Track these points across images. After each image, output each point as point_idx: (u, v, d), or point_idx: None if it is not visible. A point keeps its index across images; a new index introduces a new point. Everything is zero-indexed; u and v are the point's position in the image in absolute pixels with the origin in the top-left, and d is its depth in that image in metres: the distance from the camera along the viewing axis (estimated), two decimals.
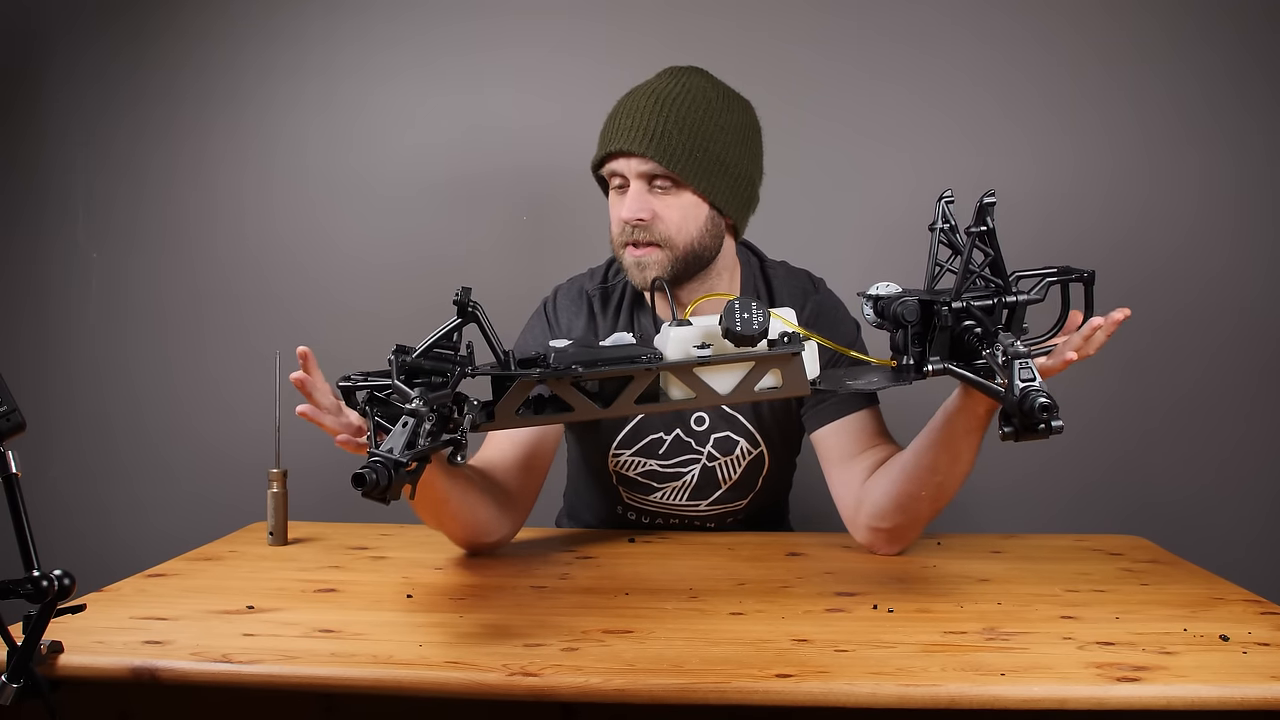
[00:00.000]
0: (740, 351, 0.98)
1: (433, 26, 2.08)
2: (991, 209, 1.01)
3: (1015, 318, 1.02)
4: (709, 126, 1.27)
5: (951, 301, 1.00)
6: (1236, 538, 1.96)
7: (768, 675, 0.80)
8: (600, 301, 1.41)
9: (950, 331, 1.01)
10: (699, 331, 1.00)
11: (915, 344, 1.03)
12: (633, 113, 1.27)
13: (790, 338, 1.00)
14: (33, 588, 0.78)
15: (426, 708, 0.85)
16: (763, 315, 0.96)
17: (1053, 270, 1.07)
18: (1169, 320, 1.99)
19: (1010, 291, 1.02)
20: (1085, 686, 0.79)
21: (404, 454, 0.86)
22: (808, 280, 1.45)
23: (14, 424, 0.80)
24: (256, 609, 1.00)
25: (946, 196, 1.05)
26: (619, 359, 0.99)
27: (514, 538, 1.31)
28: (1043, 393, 0.88)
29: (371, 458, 0.84)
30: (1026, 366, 0.91)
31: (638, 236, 1.27)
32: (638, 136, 1.25)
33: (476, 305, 1.01)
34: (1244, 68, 1.96)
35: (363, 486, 0.83)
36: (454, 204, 2.08)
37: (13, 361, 2.12)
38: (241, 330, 2.11)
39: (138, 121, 2.13)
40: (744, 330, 0.95)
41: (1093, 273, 1.07)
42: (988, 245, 1.01)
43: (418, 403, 0.90)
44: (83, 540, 2.12)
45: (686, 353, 0.99)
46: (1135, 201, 1.98)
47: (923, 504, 1.19)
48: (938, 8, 2.00)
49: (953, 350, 1.02)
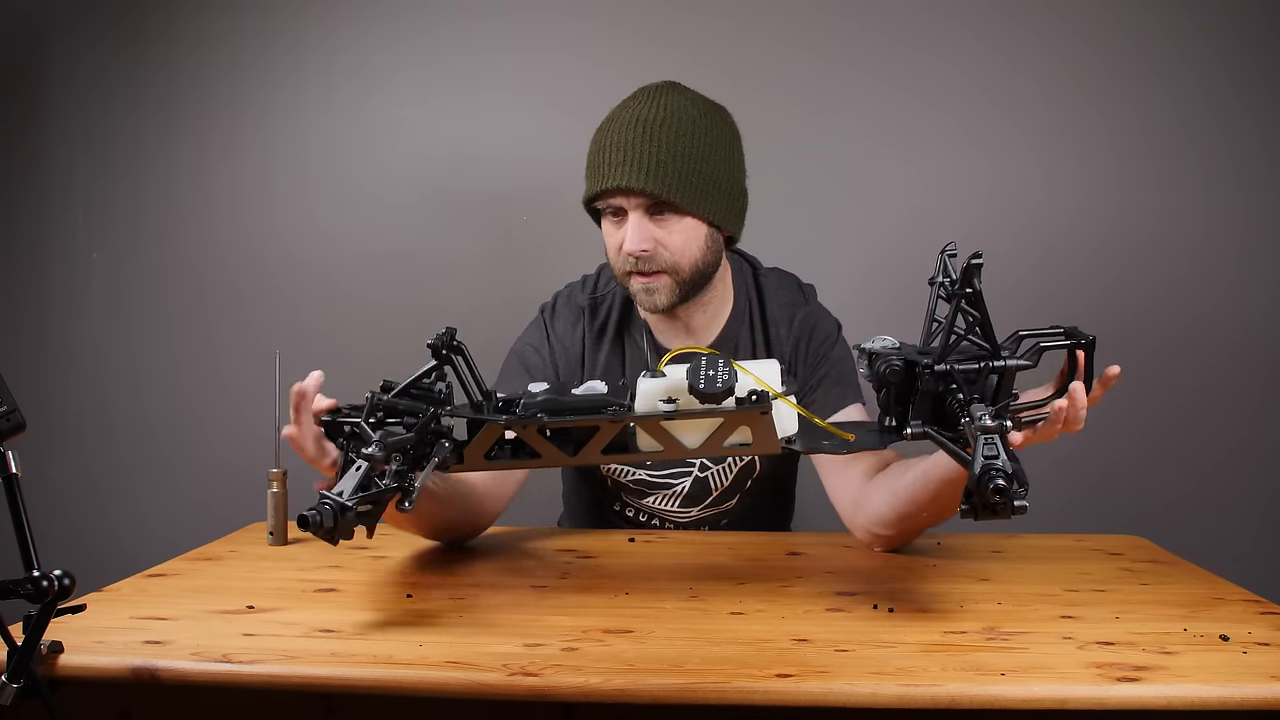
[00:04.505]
0: (705, 408, 0.97)
1: (432, 28, 2.08)
2: (978, 270, 0.95)
3: (1004, 383, 0.98)
4: (698, 147, 1.26)
5: (935, 364, 0.97)
6: (1236, 538, 1.96)
7: (768, 675, 0.80)
8: (590, 314, 1.42)
9: (933, 394, 0.97)
10: (668, 385, 1.01)
11: (898, 404, 1.00)
12: (622, 145, 1.25)
13: (759, 396, 0.99)
14: (33, 588, 0.78)
15: (426, 708, 0.85)
16: (728, 373, 0.96)
17: (1059, 330, 1.01)
18: (1170, 320, 1.99)
19: (998, 356, 0.97)
20: (1085, 686, 0.79)
21: (352, 498, 0.89)
22: (798, 290, 1.45)
23: (14, 424, 0.80)
24: (256, 609, 1.00)
25: (949, 250, 1.00)
26: (586, 408, 1.00)
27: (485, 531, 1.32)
28: (1003, 472, 0.83)
29: (321, 499, 0.87)
30: (990, 442, 0.86)
31: (643, 266, 1.27)
32: (631, 171, 1.24)
33: (460, 345, 1.05)
34: (1246, 69, 1.96)
35: (306, 527, 0.86)
36: (453, 204, 2.08)
37: (13, 361, 2.12)
38: (241, 330, 2.11)
39: (138, 122, 2.13)
40: (707, 388, 0.95)
41: (1094, 339, 1.02)
42: (974, 308, 0.96)
43: (375, 447, 0.93)
44: (83, 540, 2.12)
45: (654, 406, 1.00)
46: (1141, 205, 1.98)
47: (923, 521, 1.20)
48: (939, 10, 2.00)
49: (935, 413, 0.98)
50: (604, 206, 1.29)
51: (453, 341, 1.05)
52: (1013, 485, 0.82)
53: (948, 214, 2.01)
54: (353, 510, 0.89)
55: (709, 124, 1.29)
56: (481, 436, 1.02)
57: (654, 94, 1.29)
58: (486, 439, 1.02)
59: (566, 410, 1.00)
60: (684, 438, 1.01)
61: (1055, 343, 1.01)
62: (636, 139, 1.25)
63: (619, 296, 1.41)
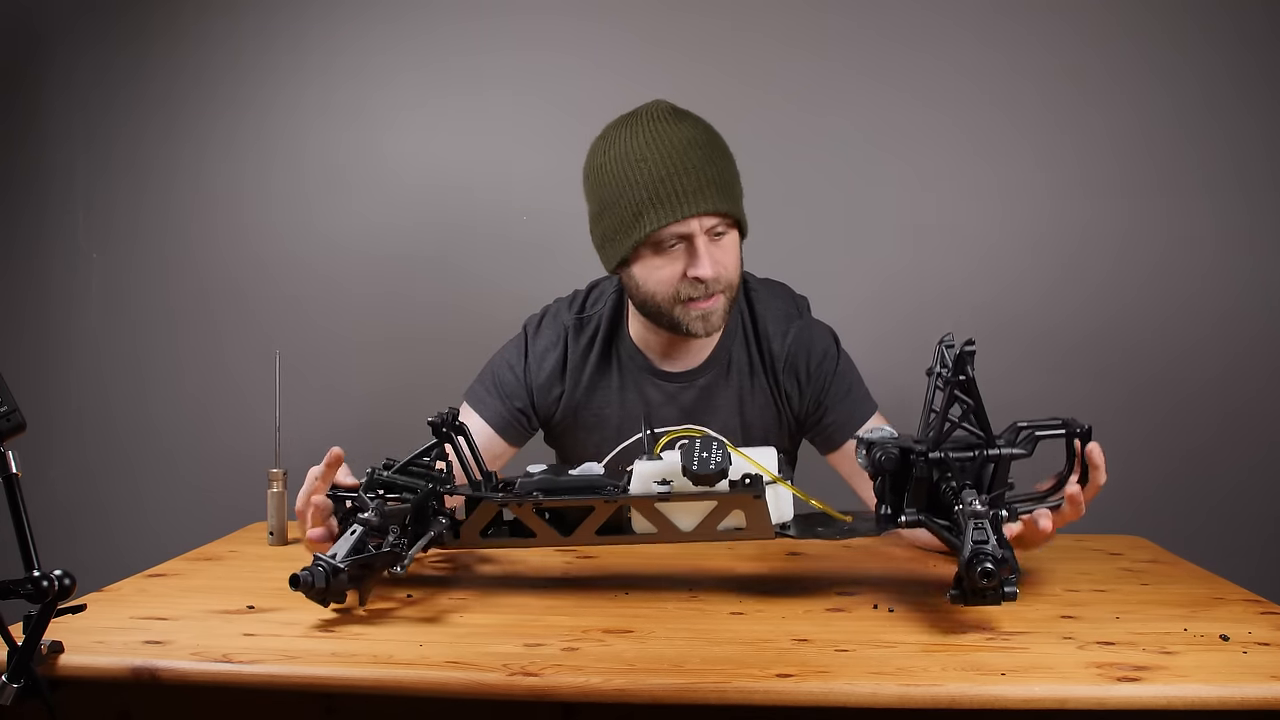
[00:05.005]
0: (699, 490, 0.99)
1: (432, 29, 2.08)
2: (971, 358, 0.95)
3: (999, 472, 0.98)
4: (730, 160, 1.28)
5: (929, 452, 0.97)
6: (1236, 538, 1.96)
7: (768, 675, 0.80)
8: (574, 332, 1.40)
9: (928, 482, 0.99)
10: (664, 467, 1.02)
11: (893, 493, 1.01)
12: (688, 170, 1.22)
13: (753, 479, 1.00)
14: (33, 588, 0.78)
15: (426, 708, 0.85)
16: (721, 455, 0.97)
17: (1056, 421, 1.02)
18: (1171, 321, 1.99)
19: (993, 445, 0.97)
20: (1085, 686, 0.79)
21: (344, 560, 0.93)
22: (790, 302, 1.44)
23: (14, 424, 0.80)
24: (256, 609, 1.00)
25: (946, 340, 1.01)
26: (582, 488, 1.03)
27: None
28: (991, 557, 0.84)
29: (315, 560, 0.92)
30: (980, 527, 0.87)
31: (710, 290, 1.26)
32: (708, 195, 1.22)
33: (462, 425, 1.09)
34: (1246, 69, 1.96)
35: (297, 587, 0.91)
36: (453, 204, 2.08)
37: (13, 361, 2.12)
38: (242, 330, 2.11)
39: (138, 122, 2.13)
40: (700, 470, 0.96)
41: (1089, 428, 1.03)
42: (968, 395, 0.97)
43: (371, 513, 0.97)
44: (83, 540, 2.12)
45: (649, 487, 1.01)
46: (1141, 205, 1.98)
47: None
48: (936, 10, 2.00)
49: (931, 501, 0.99)
50: (665, 237, 1.24)
51: (454, 421, 1.09)
52: (1002, 571, 0.84)
53: (945, 214, 2.01)
54: (344, 572, 0.92)
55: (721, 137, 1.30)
56: (478, 514, 1.04)
57: (671, 115, 1.27)
58: (483, 517, 1.04)
59: (562, 490, 1.03)
60: (678, 520, 1.02)
61: (1051, 433, 1.02)
62: (700, 162, 1.22)
63: (606, 316, 1.40)
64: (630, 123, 1.28)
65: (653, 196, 1.22)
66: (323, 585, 0.91)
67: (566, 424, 1.43)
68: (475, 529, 1.04)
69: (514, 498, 1.03)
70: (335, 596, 0.94)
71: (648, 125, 1.26)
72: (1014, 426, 1.01)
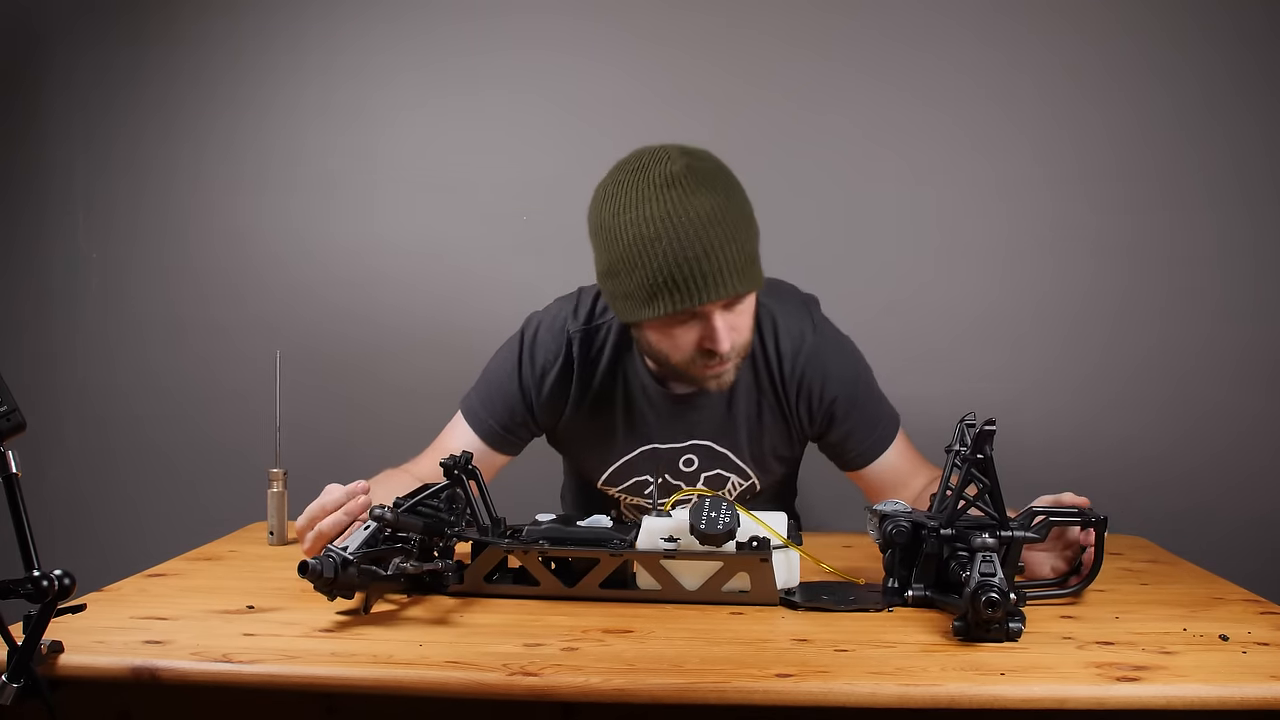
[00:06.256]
0: (705, 550, 0.99)
1: (432, 29, 2.08)
2: (990, 437, 0.96)
3: (1010, 554, 0.98)
4: (749, 224, 1.20)
5: (941, 528, 0.98)
6: (1236, 538, 1.96)
7: (768, 675, 0.80)
8: (581, 344, 1.34)
9: (937, 558, 0.99)
10: (672, 524, 1.03)
11: (903, 567, 1.02)
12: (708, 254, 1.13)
13: (760, 542, 1.00)
14: (33, 588, 0.78)
15: (426, 708, 0.85)
16: (730, 516, 0.98)
17: (1073, 510, 1.03)
18: (1172, 321, 1.99)
19: (1006, 526, 0.98)
20: (1085, 686, 0.79)
21: (356, 553, 0.93)
22: (802, 311, 1.35)
23: (14, 424, 0.80)
24: (256, 609, 1.00)
25: (967, 419, 1.02)
26: (588, 540, 1.04)
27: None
28: (997, 588, 0.84)
29: (326, 551, 0.92)
30: (989, 560, 0.88)
31: (725, 358, 1.21)
32: (729, 279, 1.14)
33: (474, 470, 1.11)
34: (1245, 68, 1.96)
35: (305, 574, 0.91)
36: (453, 204, 2.08)
37: (13, 361, 2.12)
38: (241, 330, 2.11)
39: (137, 122, 2.13)
40: (708, 529, 0.97)
41: (1105, 519, 1.04)
42: (984, 474, 0.97)
43: (385, 509, 0.97)
44: (83, 540, 2.12)
45: (655, 544, 1.02)
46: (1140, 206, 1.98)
47: None
48: (937, 9, 2.00)
49: (939, 577, 1.00)
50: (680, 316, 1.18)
51: (466, 465, 1.10)
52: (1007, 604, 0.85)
53: (945, 213, 2.01)
54: (354, 565, 0.92)
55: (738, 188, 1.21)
56: (483, 558, 1.05)
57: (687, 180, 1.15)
58: (488, 561, 1.05)
59: (569, 541, 1.04)
60: (683, 579, 1.02)
61: (1067, 519, 1.03)
62: (720, 241, 1.13)
63: (615, 329, 1.34)
64: (640, 183, 1.16)
65: (668, 281, 1.14)
66: (331, 575, 0.91)
67: (569, 436, 1.41)
68: (480, 573, 1.05)
69: (520, 544, 1.04)
70: (342, 589, 0.93)
71: (662, 192, 1.14)
72: (1029, 511, 1.02)
